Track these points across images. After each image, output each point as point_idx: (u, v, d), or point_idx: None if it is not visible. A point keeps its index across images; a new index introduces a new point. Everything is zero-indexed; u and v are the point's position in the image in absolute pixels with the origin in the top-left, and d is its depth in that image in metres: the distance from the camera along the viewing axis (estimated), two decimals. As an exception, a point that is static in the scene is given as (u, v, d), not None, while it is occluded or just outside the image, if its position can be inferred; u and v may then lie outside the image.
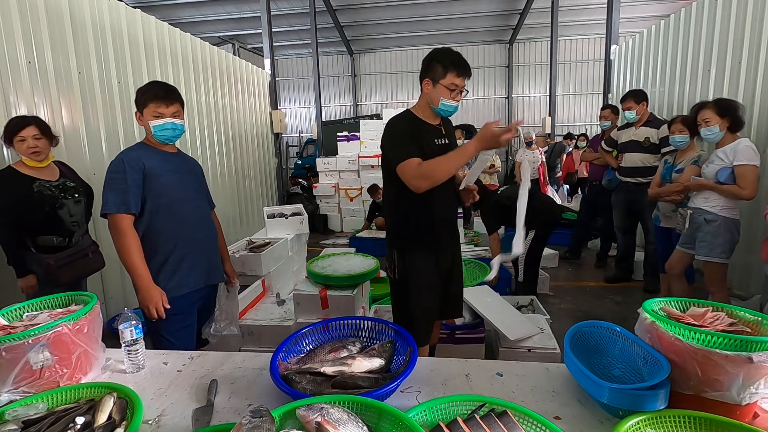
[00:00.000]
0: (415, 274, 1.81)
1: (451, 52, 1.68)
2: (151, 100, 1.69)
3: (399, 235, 1.86)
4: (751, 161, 2.41)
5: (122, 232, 1.63)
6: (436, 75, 1.67)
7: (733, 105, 2.50)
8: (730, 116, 2.48)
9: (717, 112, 2.50)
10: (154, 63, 4.17)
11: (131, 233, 1.65)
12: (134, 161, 1.66)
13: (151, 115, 1.69)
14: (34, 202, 2.16)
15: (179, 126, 1.75)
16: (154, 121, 1.69)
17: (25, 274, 2.19)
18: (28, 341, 1.06)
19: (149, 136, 1.75)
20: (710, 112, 2.53)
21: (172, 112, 1.72)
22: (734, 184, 2.46)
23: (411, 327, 1.50)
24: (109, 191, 1.64)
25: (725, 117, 2.48)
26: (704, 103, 2.62)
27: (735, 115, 2.48)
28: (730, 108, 2.48)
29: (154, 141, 1.76)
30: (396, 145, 1.68)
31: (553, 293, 3.88)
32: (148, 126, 1.71)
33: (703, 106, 2.61)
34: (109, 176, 1.66)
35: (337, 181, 7.11)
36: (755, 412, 0.98)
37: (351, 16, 11.10)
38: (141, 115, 1.72)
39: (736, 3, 3.62)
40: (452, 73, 1.65)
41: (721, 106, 2.52)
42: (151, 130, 1.71)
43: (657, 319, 1.05)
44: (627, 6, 9.26)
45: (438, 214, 1.79)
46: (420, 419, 0.92)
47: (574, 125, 13.09)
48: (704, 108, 2.58)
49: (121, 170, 1.64)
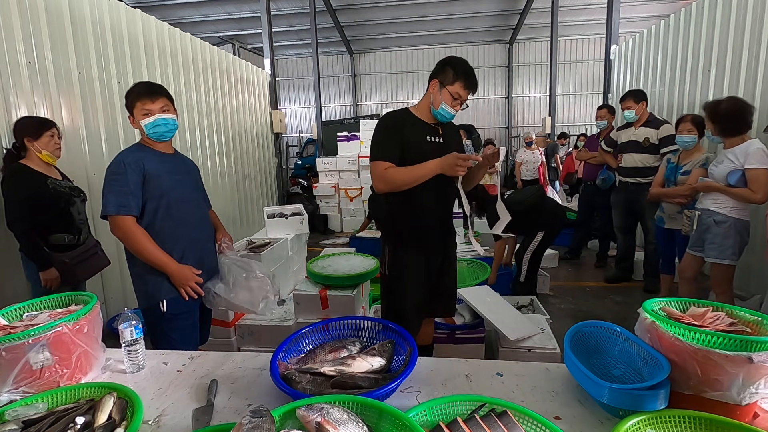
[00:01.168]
0: (404, 270, 1.84)
1: (466, 64, 1.74)
2: (136, 99, 1.69)
3: (389, 232, 1.91)
4: (763, 164, 2.36)
5: (129, 231, 1.63)
6: (446, 79, 1.72)
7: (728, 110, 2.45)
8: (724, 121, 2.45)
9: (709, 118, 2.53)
10: (154, 63, 4.17)
11: (138, 229, 1.65)
12: (134, 162, 1.65)
13: (141, 114, 1.68)
14: (50, 198, 2.22)
15: (171, 120, 1.74)
16: (145, 120, 1.68)
17: (48, 266, 2.20)
18: (28, 341, 1.06)
19: (144, 136, 1.75)
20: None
21: (159, 107, 1.70)
22: (745, 187, 2.41)
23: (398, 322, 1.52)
24: (109, 193, 1.63)
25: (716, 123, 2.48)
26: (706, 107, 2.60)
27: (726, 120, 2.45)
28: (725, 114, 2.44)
29: (150, 141, 1.74)
30: (375, 143, 1.76)
31: (553, 293, 3.88)
32: (141, 126, 1.70)
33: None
34: (109, 178, 1.65)
35: (337, 181, 7.12)
36: (755, 412, 0.98)
37: (351, 16, 11.10)
38: (133, 118, 1.72)
39: (736, 3, 3.62)
40: (461, 82, 1.70)
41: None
42: (144, 129, 1.70)
43: (657, 319, 1.05)
44: (627, 6, 9.26)
45: (427, 211, 1.81)
46: (420, 419, 0.92)
47: (574, 125, 13.10)
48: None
49: (122, 172, 1.63)
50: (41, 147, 2.24)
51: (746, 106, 2.45)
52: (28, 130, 2.23)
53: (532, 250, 3.42)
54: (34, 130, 2.23)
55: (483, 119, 13.61)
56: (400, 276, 1.85)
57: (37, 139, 2.23)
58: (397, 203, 1.80)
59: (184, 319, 1.77)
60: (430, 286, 1.90)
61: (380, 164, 1.71)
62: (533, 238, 3.41)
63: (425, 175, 1.67)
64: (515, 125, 13.69)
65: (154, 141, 1.75)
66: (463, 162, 1.59)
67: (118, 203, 1.61)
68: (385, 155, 1.72)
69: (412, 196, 1.74)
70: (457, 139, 1.94)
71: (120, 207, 1.61)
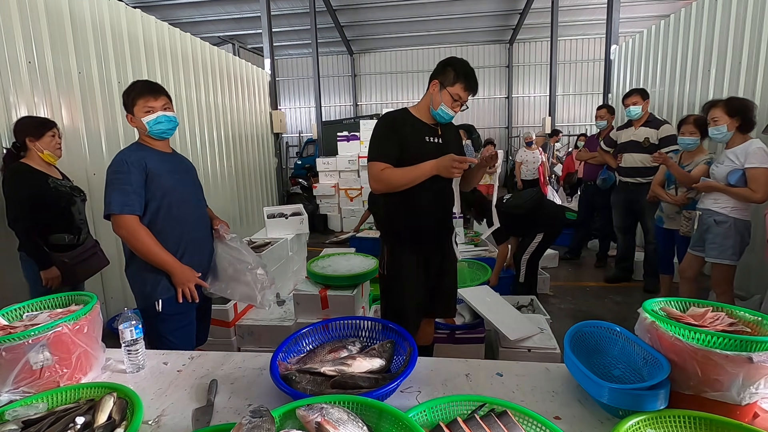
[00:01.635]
0: (402, 270, 1.84)
1: (467, 65, 1.74)
2: (138, 96, 1.67)
3: (387, 231, 1.91)
4: (763, 164, 2.36)
5: (133, 229, 1.61)
6: (446, 80, 1.72)
7: (745, 104, 2.43)
8: (741, 116, 2.41)
9: (727, 112, 2.43)
10: (154, 63, 4.17)
11: (141, 228, 1.63)
12: (137, 161, 1.64)
13: (142, 112, 1.67)
14: (51, 197, 2.23)
15: (173, 117, 1.73)
16: (147, 117, 1.67)
17: (49, 265, 2.21)
18: (28, 341, 1.06)
19: (144, 135, 1.73)
20: (720, 111, 2.46)
21: (162, 105, 1.70)
22: (745, 186, 2.41)
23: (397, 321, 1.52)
24: (113, 191, 1.60)
25: (735, 117, 2.42)
26: (715, 101, 2.55)
27: (746, 115, 2.42)
28: (741, 108, 2.42)
29: (150, 140, 1.73)
30: (374, 143, 1.77)
31: (553, 293, 3.88)
32: (142, 123, 1.68)
33: (714, 104, 2.52)
34: (111, 177, 1.63)
35: (337, 181, 7.12)
36: (755, 412, 0.98)
37: (351, 16, 11.10)
38: (132, 116, 1.71)
39: (736, 3, 3.62)
40: (461, 84, 1.71)
41: (732, 105, 2.44)
42: (146, 126, 1.68)
43: (657, 319, 1.05)
44: (627, 6, 9.27)
45: (425, 211, 1.81)
46: (420, 419, 0.92)
47: (574, 125, 13.12)
48: (714, 107, 2.50)
49: (125, 170, 1.61)
50: (43, 146, 2.24)
51: (752, 104, 2.47)
52: (30, 130, 2.23)
53: (531, 251, 3.43)
54: (36, 130, 2.23)
55: (483, 119, 13.61)
56: (399, 275, 1.85)
57: (39, 139, 2.23)
58: (395, 203, 1.80)
59: (179, 320, 1.77)
60: (430, 286, 1.90)
61: (377, 165, 1.72)
62: (532, 239, 3.43)
63: (421, 176, 1.68)
64: (515, 125, 13.70)
65: (153, 139, 1.74)
66: (459, 164, 1.59)
67: (122, 202, 1.60)
68: (382, 156, 1.72)
69: (410, 196, 1.74)
70: (457, 139, 1.94)
71: (124, 206, 1.60)
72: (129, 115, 1.73)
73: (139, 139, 1.78)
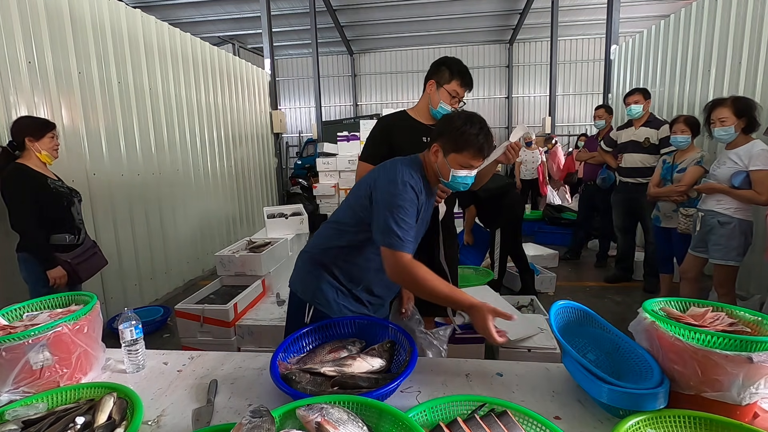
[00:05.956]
0: None
1: (460, 63, 1.79)
2: (470, 146, 1.30)
3: None
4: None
5: (415, 267, 1.27)
6: (442, 79, 1.77)
7: (751, 105, 2.39)
8: (747, 117, 2.38)
9: (734, 112, 2.38)
10: (154, 63, 4.17)
11: (420, 266, 1.29)
12: (418, 196, 1.33)
13: (458, 164, 1.33)
14: (53, 197, 2.24)
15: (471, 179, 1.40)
16: (459, 171, 1.34)
17: (55, 265, 2.21)
18: (28, 341, 1.06)
19: (433, 165, 1.37)
20: (728, 112, 2.36)
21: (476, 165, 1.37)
22: (749, 188, 2.38)
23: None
24: (398, 224, 1.26)
25: (742, 117, 2.38)
26: (719, 100, 2.48)
27: (752, 115, 2.38)
28: (748, 108, 2.38)
29: (433, 174, 1.40)
30: (367, 143, 1.87)
31: (553, 293, 3.88)
32: (445, 165, 1.34)
33: (718, 103, 2.44)
34: (400, 203, 1.28)
35: (337, 181, 7.11)
36: (755, 412, 0.98)
37: (351, 16, 11.10)
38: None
39: (736, 3, 3.62)
40: (457, 81, 1.75)
41: (738, 106, 2.37)
42: (449, 176, 1.35)
43: (657, 319, 1.05)
44: (627, 6, 9.26)
45: None
46: (420, 419, 0.92)
47: (574, 125, 13.10)
48: (721, 106, 2.41)
49: (414, 203, 1.30)
50: (42, 147, 2.24)
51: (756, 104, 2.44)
52: (30, 130, 2.23)
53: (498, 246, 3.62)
54: (36, 131, 2.23)
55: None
56: None
57: (39, 140, 2.23)
58: None
59: None
60: None
61: (363, 165, 1.81)
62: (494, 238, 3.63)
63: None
64: (515, 125, 13.66)
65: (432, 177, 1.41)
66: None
67: (407, 239, 1.27)
68: (368, 157, 1.81)
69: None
70: None
71: (405, 245, 1.27)
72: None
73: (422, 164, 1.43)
